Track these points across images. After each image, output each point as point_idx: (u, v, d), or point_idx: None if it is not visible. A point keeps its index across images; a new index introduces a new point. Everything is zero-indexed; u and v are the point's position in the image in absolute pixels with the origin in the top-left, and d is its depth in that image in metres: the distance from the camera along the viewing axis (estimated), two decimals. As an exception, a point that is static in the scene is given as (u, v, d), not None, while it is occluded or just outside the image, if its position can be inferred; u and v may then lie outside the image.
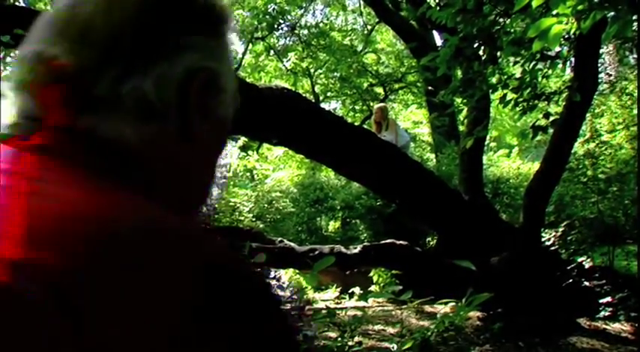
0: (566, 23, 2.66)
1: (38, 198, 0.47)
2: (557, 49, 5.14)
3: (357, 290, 9.71)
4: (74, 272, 0.41)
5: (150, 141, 0.59)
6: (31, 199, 0.46)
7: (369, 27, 18.01)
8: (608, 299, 6.83)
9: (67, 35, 0.57)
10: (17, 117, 0.59)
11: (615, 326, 6.57)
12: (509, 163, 13.64)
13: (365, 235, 11.90)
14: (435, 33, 12.83)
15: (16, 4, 8.54)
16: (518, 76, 4.99)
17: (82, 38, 0.57)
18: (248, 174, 16.53)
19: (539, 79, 5.01)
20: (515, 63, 4.95)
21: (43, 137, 0.55)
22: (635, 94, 9.65)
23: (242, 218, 12.04)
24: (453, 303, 2.19)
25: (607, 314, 6.76)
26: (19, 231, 0.42)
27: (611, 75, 13.40)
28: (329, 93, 17.59)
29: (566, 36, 5.23)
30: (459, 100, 6.06)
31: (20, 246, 0.41)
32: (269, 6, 14.69)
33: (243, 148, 13.70)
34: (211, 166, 0.68)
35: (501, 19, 4.58)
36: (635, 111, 9.33)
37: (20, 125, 0.59)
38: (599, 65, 6.49)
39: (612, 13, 2.93)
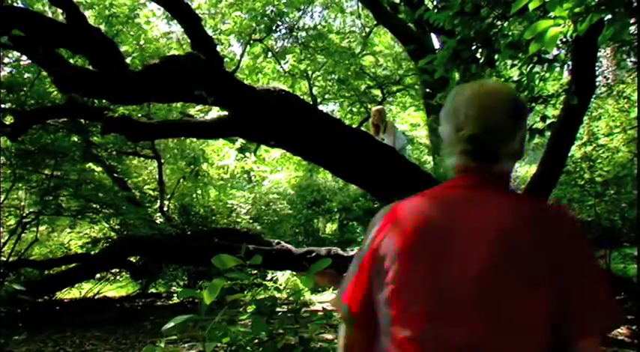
0: (563, 26, 2.66)
1: (497, 203, 1.34)
2: (555, 52, 5.16)
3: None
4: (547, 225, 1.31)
5: (512, 168, 1.47)
6: (496, 203, 1.34)
7: (367, 29, 18.01)
8: (605, 301, 6.84)
9: (483, 127, 1.37)
10: (465, 149, 1.39)
11: (612, 329, 6.58)
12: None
13: (362, 237, 11.88)
14: (433, 35, 12.85)
15: (14, 5, 8.53)
16: (515, 78, 4.99)
17: (493, 128, 1.37)
18: (245, 175, 16.51)
19: (537, 82, 5.01)
20: (513, 66, 4.94)
21: (481, 177, 1.39)
22: (633, 97, 9.67)
23: (239, 219, 12.02)
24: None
25: (604, 317, 6.76)
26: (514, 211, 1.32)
27: (608, 78, 13.40)
28: (327, 96, 17.61)
29: (564, 39, 5.24)
30: (456, 103, 6.06)
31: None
32: (267, 8, 14.69)
33: (241, 150, 13.69)
34: None
35: (499, 22, 4.58)
36: (633, 115, 9.35)
37: (474, 157, 1.39)
38: (596, 68, 6.51)
39: (609, 16, 2.94)
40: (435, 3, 6.32)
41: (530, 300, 1.22)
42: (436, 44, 13.05)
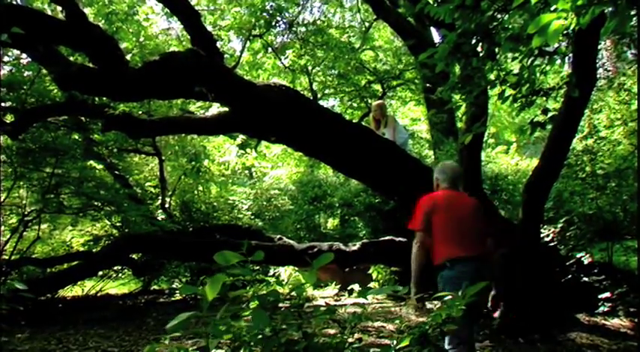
0: (566, 19, 2.65)
1: (464, 197, 4.43)
2: (556, 44, 5.14)
3: (356, 287, 9.72)
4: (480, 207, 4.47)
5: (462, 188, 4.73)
6: (465, 197, 4.43)
7: (367, 24, 17.98)
8: (607, 294, 6.84)
9: (456, 176, 4.42)
10: (448, 182, 4.39)
11: (614, 322, 6.58)
12: (508, 160, 13.64)
13: (364, 232, 11.88)
14: (433, 29, 12.82)
15: (13, 3, 8.51)
16: (516, 72, 4.98)
17: (457, 177, 4.43)
18: (247, 171, 16.50)
19: (538, 74, 5.00)
20: (514, 59, 4.92)
21: (455, 189, 4.40)
22: (634, 90, 9.65)
23: (241, 216, 12.03)
24: (450, 296, 2.20)
25: (606, 309, 6.77)
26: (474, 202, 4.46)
27: (609, 70, 13.40)
28: (327, 91, 17.58)
29: (565, 31, 5.22)
30: (457, 97, 6.04)
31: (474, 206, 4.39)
32: (266, 3, 14.66)
33: (242, 146, 13.69)
34: None
35: (499, 15, 4.57)
36: (633, 107, 9.33)
37: (450, 185, 4.38)
38: (597, 61, 6.48)
39: (611, 9, 2.93)
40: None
41: (476, 220, 4.22)
42: (436, 38, 13.03)
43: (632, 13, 3.05)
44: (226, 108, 7.34)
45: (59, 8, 7.40)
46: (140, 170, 12.39)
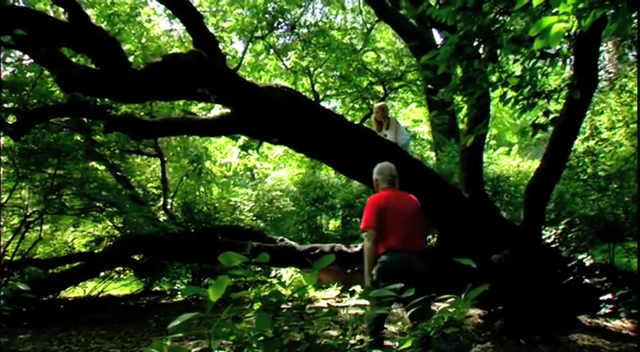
0: (567, 21, 2.66)
1: (407, 196, 4.99)
2: (557, 46, 5.15)
3: (358, 288, 9.72)
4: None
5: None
6: (408, 196, 4.99)
7: (369, 25, 18.00)
8: (609, 296, 6.83)
9: (392, 175, 5.02)
10: (387, 182, 4.99)
11: (616, 323, 6.58)
12: (509, 161, 13.64)
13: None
14: (435, 31, 12.83)
15: (16, 4, 8.54)
16: (518, 73, 4.98)
17: (394, 176, 5.02)
18: (248, 173, 16.51)
19: (539, 76, 5.00)
20: (515, 61, 4.93)
21: (394, 187, 5.02)
22: (635, 92, 9.64)
23: (242, 217, 12.03)
24: (452, 299, 2.19)
25: (608, 311, 6.76)
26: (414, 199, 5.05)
27: (610, 72, 13.39)
28: (329, 92, 17.59)
29: (566, 34, 5.22)
30: (458, 98, 6.04)
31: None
32: (269, 5, 14.68)
33: (244, 147, 13.69)
34: None
35: (501, 17, 4.58)
36: (635, 109, 9.32)
37: (389, 183, 4.99)
38: (598, 63, 6.48)
39: (612, 11, 2.94)
40: (436, -2, 6.30)
41: (419, 218, 4.88)
42: (438, 40, 13.05)
43: (633, 15, 3.05)
44: (228, 110, 7.34)
45: (61, 9, 7.41)
46: (142, 171, 12.40)
